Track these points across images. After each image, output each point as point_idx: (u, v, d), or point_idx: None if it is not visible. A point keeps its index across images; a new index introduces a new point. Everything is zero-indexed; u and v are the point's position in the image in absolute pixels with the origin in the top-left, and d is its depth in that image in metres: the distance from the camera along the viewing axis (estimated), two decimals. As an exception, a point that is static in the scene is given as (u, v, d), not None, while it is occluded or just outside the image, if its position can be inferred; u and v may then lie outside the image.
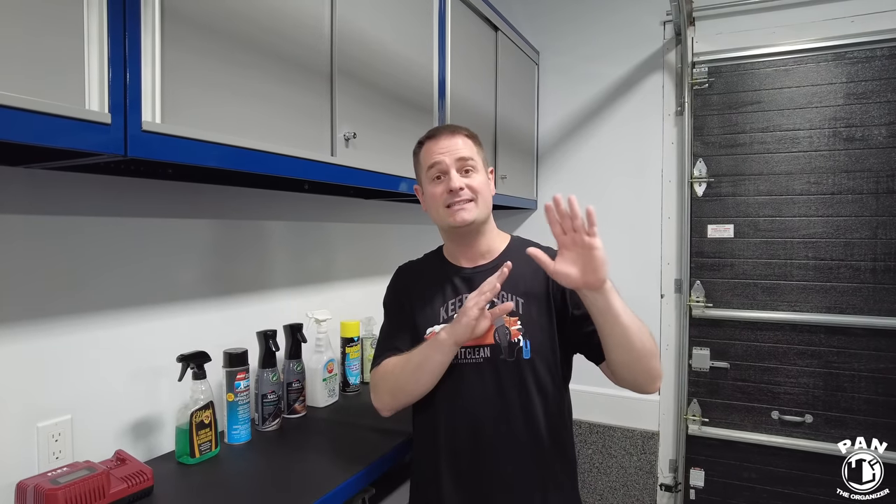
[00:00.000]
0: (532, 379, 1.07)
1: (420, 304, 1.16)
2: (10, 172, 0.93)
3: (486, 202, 1.13)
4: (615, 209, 2.42)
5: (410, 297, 1.19)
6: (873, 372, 2.01)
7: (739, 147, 2.19)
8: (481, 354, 1.08)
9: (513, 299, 1.09)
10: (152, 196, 1.19)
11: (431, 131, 1.16)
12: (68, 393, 1.04)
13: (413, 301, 1.18)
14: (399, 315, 1.20)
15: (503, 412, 1.06)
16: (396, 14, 1.47)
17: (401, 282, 1.25)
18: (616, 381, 1.07)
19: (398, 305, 1.21)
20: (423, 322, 1.14)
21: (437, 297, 1.15)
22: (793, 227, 2.11)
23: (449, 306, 1.14)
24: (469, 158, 1.11)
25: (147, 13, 0.81)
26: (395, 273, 1.27)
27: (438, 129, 1.16)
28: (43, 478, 0.88)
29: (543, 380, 1.07)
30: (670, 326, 2.32)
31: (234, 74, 0.97)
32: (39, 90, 0.68)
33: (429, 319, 1.14)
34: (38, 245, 0.99)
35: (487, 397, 1.07)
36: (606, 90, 2.44)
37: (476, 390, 1.08)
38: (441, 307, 1.14)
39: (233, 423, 1.24)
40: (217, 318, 1.35)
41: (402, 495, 1.32)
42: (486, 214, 1.14)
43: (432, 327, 1.12)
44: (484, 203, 1.12)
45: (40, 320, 1.00)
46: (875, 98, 2.00)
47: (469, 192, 1.10)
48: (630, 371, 1.02)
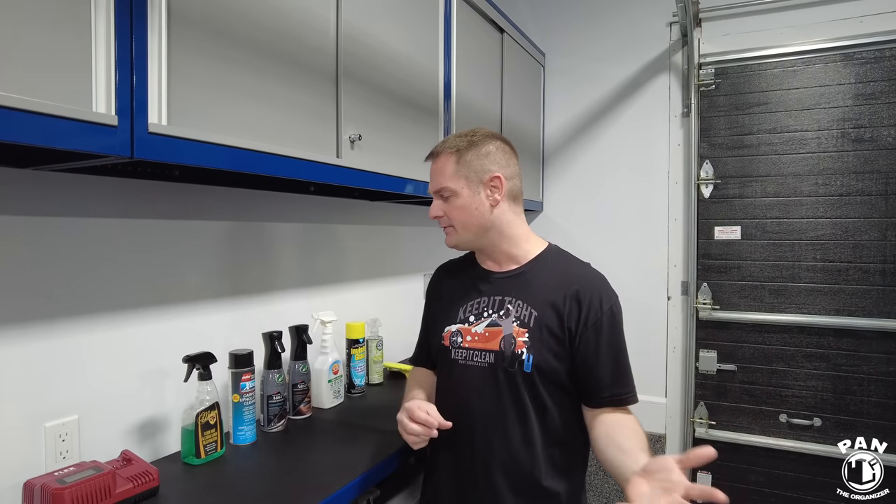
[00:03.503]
0: (529, 394, 1.04)
1: (445, 303, 1.20)
2: (19, 174, 0.94)
3: (463, 225, 1.10)
4: (621, 211, 2.41)
5: (439, 296, 1.24)
6: (883, 375, 1.99)
7: (746, 148, 2.18)
8: (486, 359, 1.08)
9: (527, 310, 1.07)
10: (158, 198, 1.20)
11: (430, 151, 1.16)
12: (75, 393, 1.04)
13: (440, 299, 1.23)
14: (427, 318, 1.28)
15: (500, 421, 1.06)
16: (402, 16, 1.48)
17: (435, 280, 1.29)
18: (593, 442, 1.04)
19: (427, 307, 1.29)
20: (442, 320, 1.17)
21: (461, 297, 1.17)
22: (801, 229, 2.10)
23: (468, 308, 1.14)
24: (444, 189, 1.10)
25: (154, 16, 0.82)
26: (435, 272, 1.31)
27: (432, 149, 1.15)
28: (50, 477, 0.89)
29: (542, 397, 1.04)
30: (677, 329, 2.31)
31: (240, 76, 0.98)
32: (47, 93, 0.69)
33: (447, 318, 1.16)
34: (46, 246, 1.00)
35: (485, 402, 1.07)
36: (612, 92, 2.43)
37: (477, 393, 1.08)
38: (461, 307, 1.15)
39: (238, 424, 1.25)
40: (223, 320, 1.36)
41: (407, 497, 1.32)
42: (471, 235, 1.12)
43: (448, 326, 1.15)
44: (463, 226, 1.10)
45: (48, 321, 1.00)
46: (884, 99, 1.98)
47: (446, 220, 1.12)
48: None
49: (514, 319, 1.07)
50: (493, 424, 1.06)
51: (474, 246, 1.16)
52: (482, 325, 1.10)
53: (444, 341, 1.14)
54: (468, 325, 1.12)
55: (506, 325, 1.07)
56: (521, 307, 1.08)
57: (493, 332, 1.08)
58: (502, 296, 1.10)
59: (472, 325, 1.12)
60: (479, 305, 1.12)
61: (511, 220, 1.12)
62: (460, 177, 1.09)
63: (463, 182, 1.08)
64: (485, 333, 1.09)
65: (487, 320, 1.10)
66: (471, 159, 1.08)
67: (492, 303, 1.11)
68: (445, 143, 1.12)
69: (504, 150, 1.12)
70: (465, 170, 1.08)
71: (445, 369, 1.15)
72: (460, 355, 1.11)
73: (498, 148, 1.11)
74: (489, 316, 1.10)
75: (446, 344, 1.14)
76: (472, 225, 1.10)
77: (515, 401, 1.05)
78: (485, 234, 1.11)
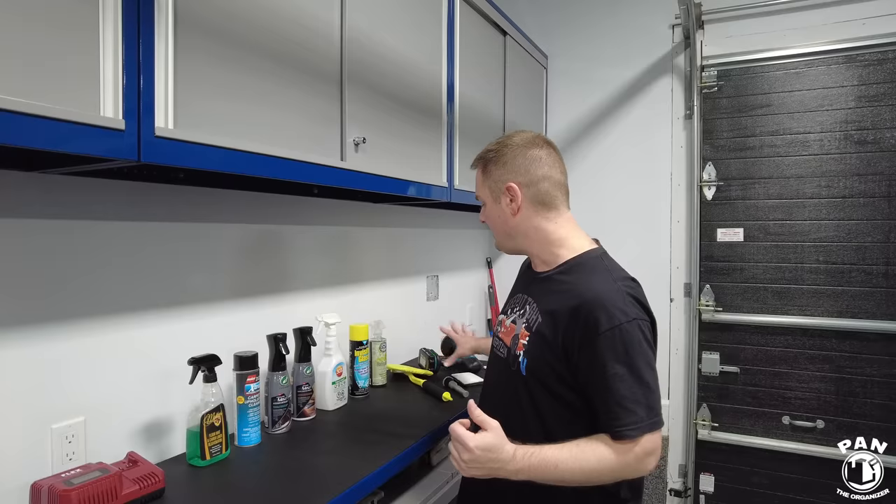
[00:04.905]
0: (526, 396, 1.05)
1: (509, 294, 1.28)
2: (26, 177, 0.95)
3: (495, 231, 1.19)
4: (624, 213, 2.41)
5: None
6: (886, 377, 1.99)
7: (749, 150, 2.18)
8: (503, 352, 1.14)
9: (535, 314, 1.08)
10: (165, 201, 1.20)
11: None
12: (82, 395, 1.05)
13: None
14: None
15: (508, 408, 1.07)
16: (405, 20, 1.48)
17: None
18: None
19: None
20: (503, 308, 1.25)
21: (514, 290, 1.24)
22: (803, 231, 2.10)
23: (512, 301, 1.21)
24: (478, 198, 1.19)
25: (161, 20, 0.82)
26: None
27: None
28: (57, 479, 0.89)
29: (539, 401, 1.03)
30: (680, 331, 2.31)
31: (245, 80, 0.99)
32: (55, 96, 0.69)
33: (504, 308, 1.24)
34: (53, 249, 1.00)
35: (498, 388, 1.15)
36: (615, 94, 2.43)
37: (494, 378, 1.19)
38: (510, 299, 1.23)
39: (243, 426, 1.25)
40: (228, 322, 1.36)
41: (411, 499, 1.32)
42: (506, 240, 1.17)
43: (501, 315, 1.23)
44: (494, 232, 1.19)
45: (55, 323, 1.01)
46: (887, 101, 1.98)
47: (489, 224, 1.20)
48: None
49: (525, 321, 1.09)
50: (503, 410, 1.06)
51: (510, 249, 1.20)
52: (510, 319, 1.16)
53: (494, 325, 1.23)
54: (506, 315, 1.20)
55: (519, 325, 1.11)
56: (533, 311, 1.09)
57: (511, 329, 1.13)
58: (528, 296, 1.14)
59: (507, 316, 1.18)
60: (516, 301, 1.18)
61: (538, 225, 1.11)
62: (485, 187, 1.16)
63: (487, 192, 1.16)
64: (509, 328, 1.15)
65: (513, 316, 1.15)
66: (492, 170, 1.14)
67: (522, 301, 1.15)
68: (481, 153, 1.18)
69: (530, 157, 1.10)
70: (489, 181, 1.15)
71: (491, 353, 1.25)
72: (495, 342, 1.21)
73: (520, 154, 1.10)
74: (514, 312, 1.15)
75: (494, 328, 1.23)
76: (499, 231, 1.17)
77: (516, 396, 1.08)
78: (512, 239, 1.16)
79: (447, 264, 2.39)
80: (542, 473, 0.94)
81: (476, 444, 0.93)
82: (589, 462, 0.93)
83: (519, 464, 0.94)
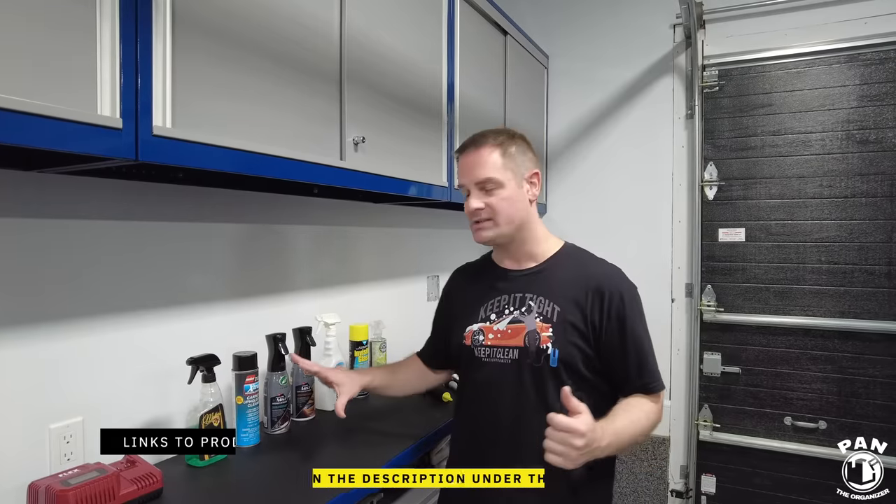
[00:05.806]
0: (554, 388, 1.04)
1: (465, 303, 1.21)
2: (23, 177, 0.95)
3: (508, 218, 1.11)
4: (625, 213, 2.41)
5: (456, 298, 1.27)
6: (889, 378, 1.98)
7: (750, 150, 2.17)
8: (510, 356, 1.10)
9: (549, 306, 1.09)
10: (163, 200, 1.20)
11: (462, 144, 1.16)
12: (80, 395, 1.04)
13: (458, 301, 1.25)
14: (443, 319, 1.30)
15: (526, 416, 1.06)
16: (405, 19, 1.48)
17: (452, 281, 1.33)
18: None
19: (443, 308, 1.33)
20: (464, 321, 1.18)
21: (481, 296, 1.19)
22: (805, 231, 2.09)
23: (489, 306, 1.16)
24: (488, 180, 1.09)
25: (158, 19, 0.82)
26: (451, 274, 1.35)
27: (466, 142, 1.15)
28: (54, 479, 0.89)
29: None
30: (681, 331, 2.30)
31: (243, 79, 0.98)
32: (53, 96, 0.69)
33: (469, 318, 1.18)
34: (50, 248, 1.00)
35: (511, 398, 1.09)
36: (616, 94, 2.43)
37: (499, 391, 1.10)
38: (482, 306, 1.17)
39: (242, 426, 1.25)
40: (227, 322, 1.36)
41: (411, 499, 1.32)
42: (512, 229, 1.12)
43: (470, 326, 1.16)
44: (506, 219, 1.11)
45: (53, 322, 1.00)
46: (889, 100, 1.97)
47: (487, 212, 1.11)
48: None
49: (537, 315, 1.09)
50: (519, 419, 1.06)
51: (508, 241, 1.15)
52: (504, 322, 1.12)
53: (465, 341, 1.16)
54: (489, 322, 1.14)
55: (528, 322, 1.09)
56: (542, 303, 1.09)
57: (515, 329, 1.10)
58: (523, 293, 1.12)
59: (493, 322, 1.14)
60: (500, 303, 1.14)
61: (537, 218, 1.17)
62: (507, 169, 1.10)
63: (510, 174, 1.10)
64: (507, 330, 1.11)
65: (509, 317, 1.12)
66: (515, 153, 1.11)
67: (512, 300, 1.13)
68: (484, 136, 1.13)
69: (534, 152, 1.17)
70: (512, 163, 1.10)
71: (469, 368, 1.17)
72: (483, 353, 1.13)
73: (532, 149, 1.16)
74: (510, 313, 1.12)
75: (468, 343, 1.15)
76: (516, 218, 1.12)
77: (540, 395, 1.06)
78: (520, 229, 1.14)
79: (448, 264, 2.36)
80: (617, 445, 0.97)
81: (587, 426, 0.89)
82: (641, 421, 1.02)
83: (607, 439, 0.93)
